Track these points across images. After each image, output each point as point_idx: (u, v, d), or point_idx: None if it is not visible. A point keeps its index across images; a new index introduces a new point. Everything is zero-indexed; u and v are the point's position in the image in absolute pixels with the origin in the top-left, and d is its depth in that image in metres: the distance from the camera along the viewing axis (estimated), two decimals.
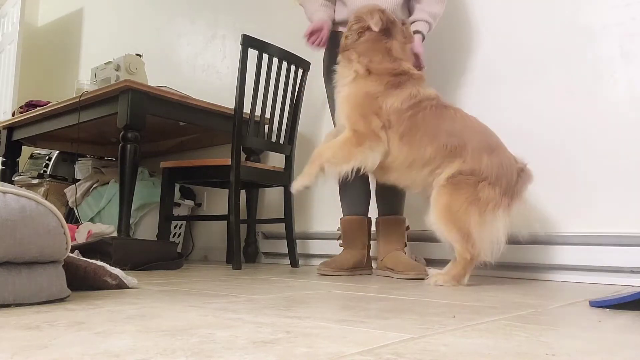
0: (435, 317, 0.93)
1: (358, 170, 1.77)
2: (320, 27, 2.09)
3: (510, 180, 1.69)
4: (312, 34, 2.10)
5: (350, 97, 1.83)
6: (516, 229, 1.69)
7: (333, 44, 2.12)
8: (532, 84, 2.17)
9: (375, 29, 1.84)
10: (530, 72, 2.18)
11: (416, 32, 2.11)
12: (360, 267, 2.09)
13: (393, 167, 1.79)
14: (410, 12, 2.19)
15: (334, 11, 2.19)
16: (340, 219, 2.18)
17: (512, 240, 2.02)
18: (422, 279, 1.82)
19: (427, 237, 1.99)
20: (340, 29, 2.16)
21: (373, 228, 2.17)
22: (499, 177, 1.67)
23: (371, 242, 2.19)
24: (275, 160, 3.01)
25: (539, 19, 2.18)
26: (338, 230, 2.22)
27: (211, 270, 2.22)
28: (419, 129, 1.74)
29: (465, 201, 1.64)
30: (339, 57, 1.94)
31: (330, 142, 1.85)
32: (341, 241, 2.18)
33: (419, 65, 2.06)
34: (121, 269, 1.36)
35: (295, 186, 1.84)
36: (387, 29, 1.88)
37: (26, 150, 3.74)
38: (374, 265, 2.21)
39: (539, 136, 2.12)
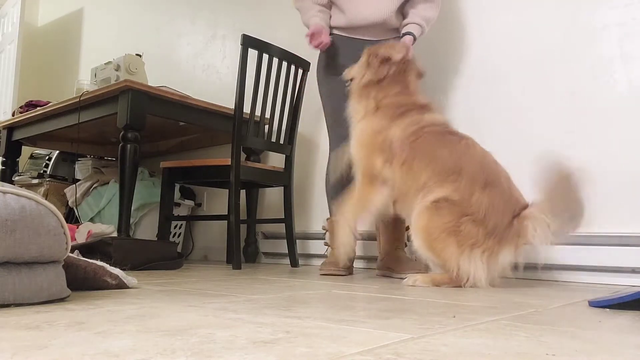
0: (435, 317, 0.92)
1: (379, 209, 1.78)
2: (320, 31, 2.11)
3: (499, 224, 1.57)
4: (312, 37, 2.12)
5: (358, 137, 1.85)
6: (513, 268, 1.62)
7: (329, 47, 2.17)
8: (532, 84, 2.17)
9: (398, 56, 1.85)
10: (530, 73, 2.18)
11: (407, 33, 2.16)
12: (352, 266, 2.14)
13: (396, 196, 1.76)
14: (404, 17, 2.23)
15: (330, 17, 2.21)
16: (328, 219, 2.20)
17: None
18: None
19: None
20: (335, 32, 2.20)
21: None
22: (486, 217, 1.57)
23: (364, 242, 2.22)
24: (275, 160, 3.01)
25: (539, 19, 2.18)
26: (323, 229, 2.26)
27: (211, 270, 2.22)
28: (417, 154, 1.70)
29: (444, 229, 1.57)
30: (357, 93, 1.91)
31: (347, 201, 1.85)
32: (327, 240, 2.21)
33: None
34: (121, 269, 1.36)
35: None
36: (407, 63, 1.89)
37: (26, 150, 3.74)
38: (357, 264, 2.27)
39: (539, 136, 2.12)
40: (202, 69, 3.71)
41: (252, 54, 2.33)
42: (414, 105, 1.83)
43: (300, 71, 2.58)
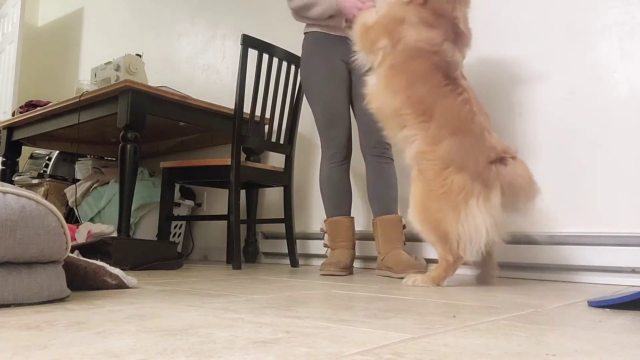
0: (435, 317, 0.92)
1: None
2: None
3: (477, 164, 1.53)
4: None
5: (382, 79, 1.72)
6: (519, 227, 1.57)
7: (316, 42, 2.16)
8: (532, 84, 2.17)
9: None
10: (530, 73, 2.18)
11: None
12: (351, 266, 2.15)
13: (374, 93, 1.70)
14: None
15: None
16: (325, 220, 2.21)
17: (513, 240, 2.02)
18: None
19: None
20: (315, 29, 2.18)
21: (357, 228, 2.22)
22: (464, 161, 1.53)
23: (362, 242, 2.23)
24: (275, 160, 3.01)
25: (539, 18, 2.18)
26: (321, 231, 2.26)
27: (211, 270, 2.22)
28: (406, 70, 1.63)
29: (436, 196, 1.53)
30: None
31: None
32: (326, 242, 2.22)
33: None
34: (121, 269, 1.36)
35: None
36: None
37: (26, 150, 3.74)
38: (356, 265, 2.27)
39: (539, 136, 2.12)
40: (202, 69, 3.71)
41: (252, 54, 2.34)
42: (445, 25, 1.72)
43: (300, 71, 2.58)
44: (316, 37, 2.20)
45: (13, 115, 3.60)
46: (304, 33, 2.26)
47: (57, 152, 3.70)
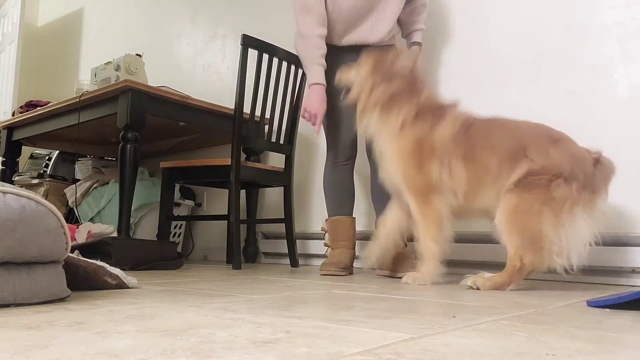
0: (435, 317, 0.92)
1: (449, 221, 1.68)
2: (316, 113, 2.04)
3: (587, 171, 1.51)
4: (311, 115, 2.06)
5: (400, 151, 1.73)
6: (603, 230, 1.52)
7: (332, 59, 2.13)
8: (532, 85, 2.17)
9: (409, 63, 1.79)
10: (530, 73, 2.18)
11: (414, 43, 2.25)
12: (352, 266, 2.15)
13: (468, 194, 1.65)
14: (399, 22, 2.27)
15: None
16: (327, 219, 2.21)
17: None
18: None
19: None
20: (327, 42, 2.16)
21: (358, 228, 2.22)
22: (573, 170, 1.50)
23: (362, 242, 2.22)
24: (275, 160, 3.01)
25: (539, 19, 2.18)
26: (322, 230, 2.27)
27: (211, 270, 2.22)
28: (476, 144, 1.64)
29: (537, 200, 1.48)
30: (376, 112, 1.79)
31: (420, 227, 1.72)
32: (327, 241, 2.22)
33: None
34: (121, 269, 1.36)
35: (417, 282, 1.71)
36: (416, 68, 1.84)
37: (26, 150, 3.74)
38: (356, 264, 2.26)
39: None
40: (202, 69, 3.71)
41: (252, 54, 2.33)
42: (444, 105, 1.77)
43: (300, 71, 2.58)
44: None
45: (13, 115, 3.60)
46: None
47: (57, 152, 3.70)
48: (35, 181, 3.61)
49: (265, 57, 2.38)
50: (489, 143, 1.63)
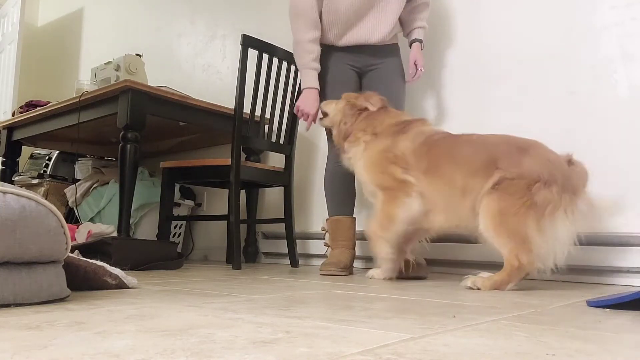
0: (435, 317, 0.92)
1: (410, 219, 1.72)
2: (308, 112, 2.13)
3: (565, 174, 1.52)
4: (302, 114, 2.15)
5: (367, 163, 1.85)
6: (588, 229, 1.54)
7: (326, 51, 2.21)
8: (532, 85, 2.17)
9: (374, 109, 1.91)
10: (530, 73, 2.18)
11: (415, 40, 2.25)
12: (351, 266, 2.15)
13: (434, 207, 1.69)
14: (401, 21, 2.29)
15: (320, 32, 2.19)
16: (327, 219, 2.22)
17: None
18: (422, 279, 1.85)
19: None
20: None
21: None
22: (551, 174, 1.51)
23: (362, 242, 2.22)
24: (275, 160, 3.01)
25: (539, 19, 2.18)
26: (322, 230, 2.27)
27: (211, 270, 2.22)
28: (440, 161, 1.67)
29: (520, 204, 1.49)
30: (346, 145, 1.95)
31: (375, 214, 1.82)
32: (327, 241, 2.23)
33: (414, 71, 2.22)
34: (121, 269, 1.36)
35: (376, 275, 1.84)
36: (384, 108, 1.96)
37: (26, 150, 3.74)
38: (356, 264, 2.27)
39: (539, 137, 2.11)
40: (202, 69, 3.71)
41: (252, 54, 2.33)
42: (410, 121, 1.87)
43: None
44: (325, 46, 2.23)
45: (13, 115, 3.60)
46: None
47: (57, 152, 3.70)
48: (35, 181, 3.61)
49: (265, 57, 2.38)
50: (454, 158, 1.65)
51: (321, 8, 2.15)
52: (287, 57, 2.47)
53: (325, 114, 2.08)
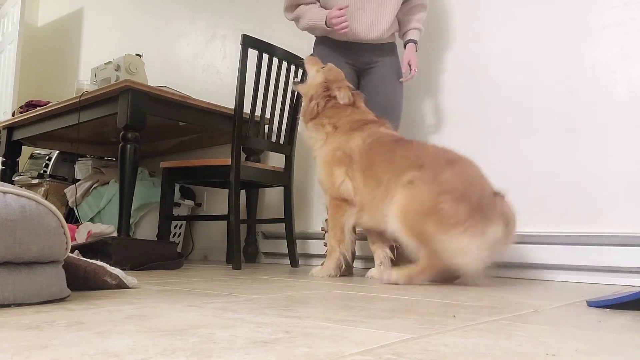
0: (435, 317, 0.92)
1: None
2: (342, 13, 2.10)
3: (482, 197, 1.51)
4: (339, 21, 2.11)
5: (322, 162, 1.93)
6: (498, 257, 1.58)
7: (324, 46, 2.26)
8: (532, 85, 2.17)
9: (342, 102, 1.95)
10: (530, 73, 2.18)
11: (409, 41, 2.27)
12: (351, 266, 2.15)
13: (363, 205, 1.79)
14: (398, 22, 2.31)
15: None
16: (327, 219, 2.21)
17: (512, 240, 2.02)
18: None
19: None
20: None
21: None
22: (466, 193, 1.50)
23: (362, 242, 2.22)
24: (275, 160, 3.01)
25: (539, 19, 2.18)
26: (322, 230, 2.28)
27: (211, 270, 2.22)
28: (376, 160, 1.75)
29: (423, 205, 1.52)
30: (310, 124, 2.00)
31: (329, 228, 1.93)
32: (327, 241, 2.22)
33: (408, 71, 2.23)
34: (121, 269, 1.36)
35: (318, 275, 1.91)
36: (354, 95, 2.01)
37: (26, 150, 3.74)
38: (356, 265, 2.28)
39: (540, 136, 2.12)
40: (202, 69, 3.71)
41: (252, 54, 2.33)
42: (369, 120, 1.92)
43: (300, 71, 2.58)
44: (324, 42, 2.27)
45: (13, 115, 3.60)
46: (315, 36, 2.35)
47: (57, 152, 3.70)
48: (35, 181, 3.61)
49: (265, 57, 2.38)
50: (387, 160, 1.72)
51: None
52: (287, 57, 2.47)
53: (302, 78, 2.08)
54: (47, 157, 3.74)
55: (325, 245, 2.25)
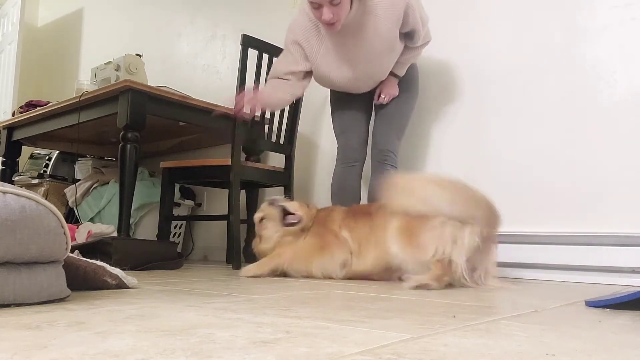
0: (435, 317, 0.92)
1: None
2: (244, 99, 2.08)
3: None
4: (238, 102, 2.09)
5: (304, 246, 1.94)
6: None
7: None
8: (532, 85, 2.17)
9: (298, 227, 1.96)
10: (530, 73, 2.18)
11: (391, 73, 2.24)
12: None
13: (354, 253, 1.87)
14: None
15: (302, 87, 2.21)
16: None
17: (513, 240, 2.02)
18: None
19: None
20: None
21: None
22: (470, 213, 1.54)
23: None
24: (275, 160, 3.01)
25: (539, 19, 2.18)
26: None
27: (211, 270, 2.22)
28: (358, 218, 1.90)
29: (420, 222, 1.57)
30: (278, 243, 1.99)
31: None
32: None
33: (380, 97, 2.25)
34: (121, 269, 1.36)
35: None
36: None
37: (26, 150, 3.74)
38: None
39: (540, 136, 2.12)
40: (202, 69, 3.71)
41: (252, 54, 2.33)
42: (327, 209, 2.05)
43: None
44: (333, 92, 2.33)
45: (13, 115, 3.60)
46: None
47: (57, 152, 3.70)
48: (35, 181, 3.61)
49: (265, 57, 2.38)
50: (366, 216, 1.86)
51: (303, 70, 2.14)
52: None
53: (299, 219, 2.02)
54: (47, 157, 3.75)
55: None
